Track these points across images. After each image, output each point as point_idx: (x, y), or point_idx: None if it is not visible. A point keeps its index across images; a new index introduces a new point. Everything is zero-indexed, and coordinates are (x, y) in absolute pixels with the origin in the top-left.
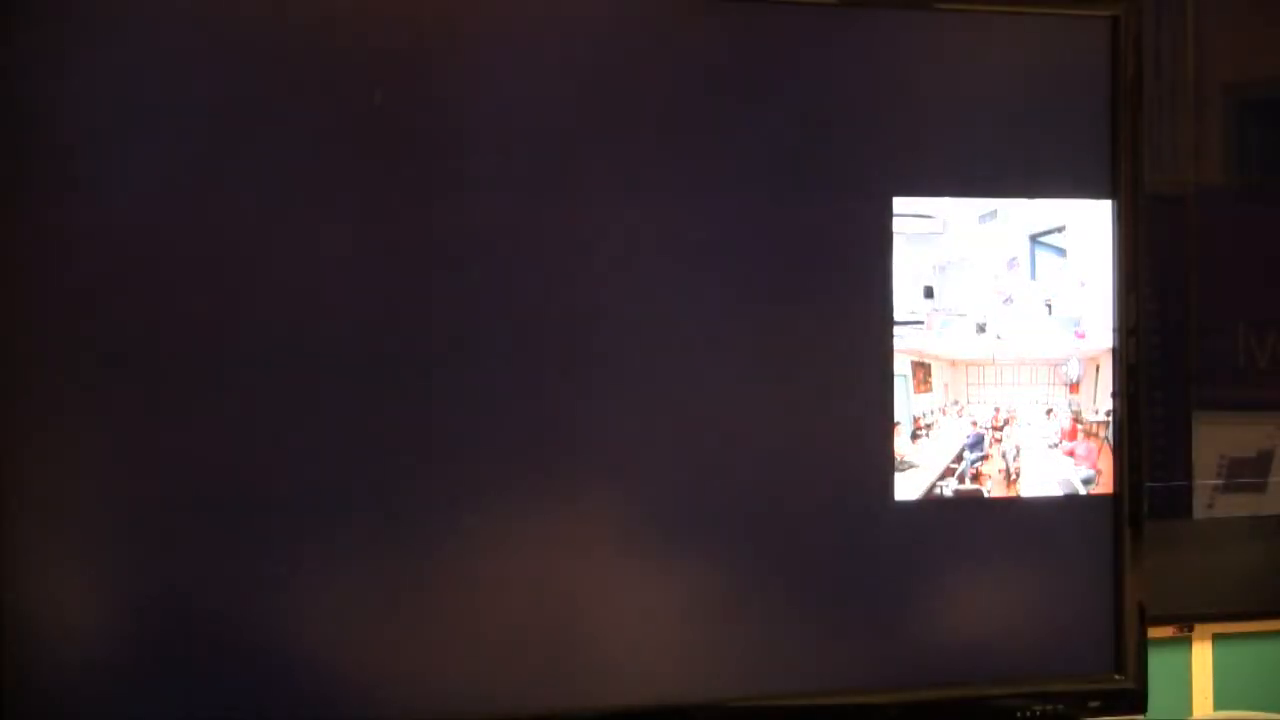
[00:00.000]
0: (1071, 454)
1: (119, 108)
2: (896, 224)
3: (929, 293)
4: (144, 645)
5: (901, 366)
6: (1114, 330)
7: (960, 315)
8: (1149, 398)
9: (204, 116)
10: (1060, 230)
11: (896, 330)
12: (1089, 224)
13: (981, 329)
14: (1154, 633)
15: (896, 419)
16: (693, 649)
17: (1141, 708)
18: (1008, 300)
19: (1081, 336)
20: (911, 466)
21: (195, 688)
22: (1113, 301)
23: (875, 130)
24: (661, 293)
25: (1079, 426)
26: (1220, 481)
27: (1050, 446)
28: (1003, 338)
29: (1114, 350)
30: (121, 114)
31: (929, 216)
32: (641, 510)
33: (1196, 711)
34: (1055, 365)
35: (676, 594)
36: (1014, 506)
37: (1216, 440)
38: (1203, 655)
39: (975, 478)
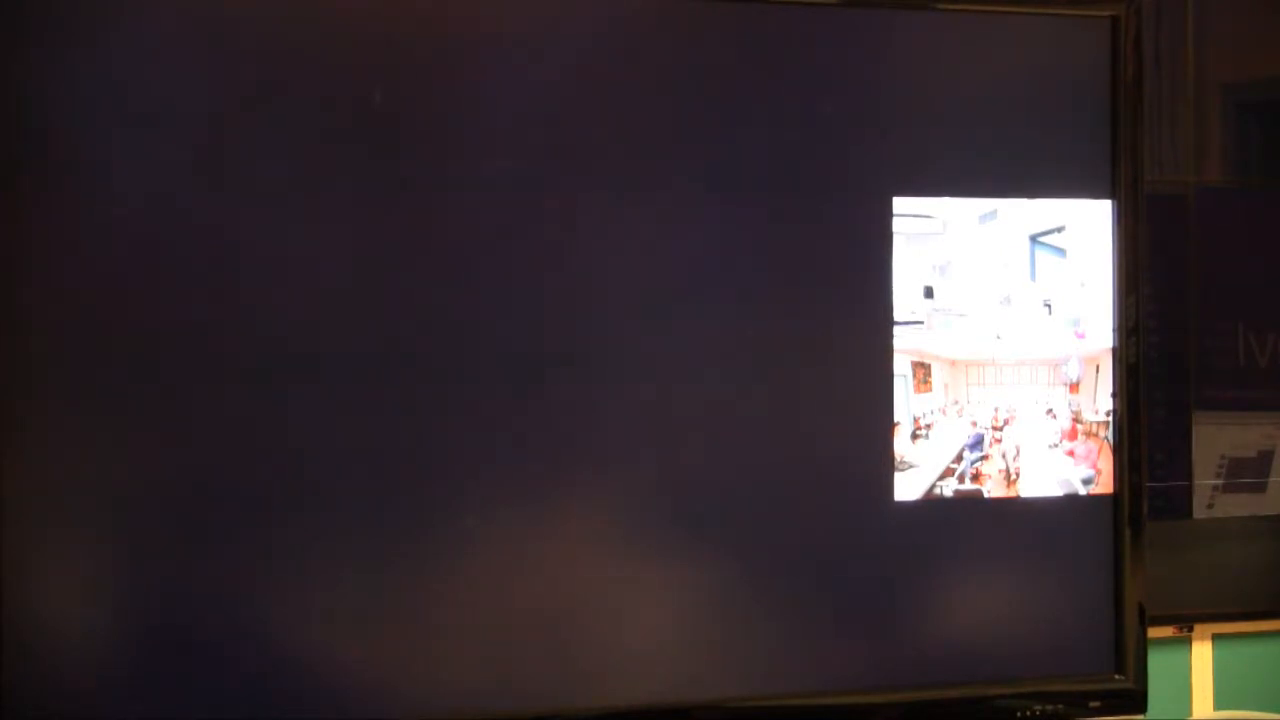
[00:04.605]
0: (1071, 454)
1: (117, 108)
2: (896, 224)
3: (929, 293)
4: (145, 646)
5: (901, 366)
6: (1114, 330)
7: (960, 315)
8: (1149, 398)
9: (203, 117)
10: (1060, 230)
11: (896, 330)
12: (1089, 224)
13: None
14: (1154, 633)
15: (896, 419)
16: (693, 649)
17: (1141, 708)
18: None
19: (1081, 336)
20: (911, 466)
21: (197, 688)
22: (1113, 301)
23: (875, 130)
24: (661, 293)
25: (1079, 426)
26: (1220, 481)
27: (1050, 446)
28: (1002, 338)
29: (1114, 350)
30: (120, 115)
31: (929, 216)
32: (642, 511)
33: (1196, 711)
34: (1055, 365)
35: (677, 594)
36: (1014, 506)
37: (1216, 440)
38: (1203, 655)
39: (975, 478)
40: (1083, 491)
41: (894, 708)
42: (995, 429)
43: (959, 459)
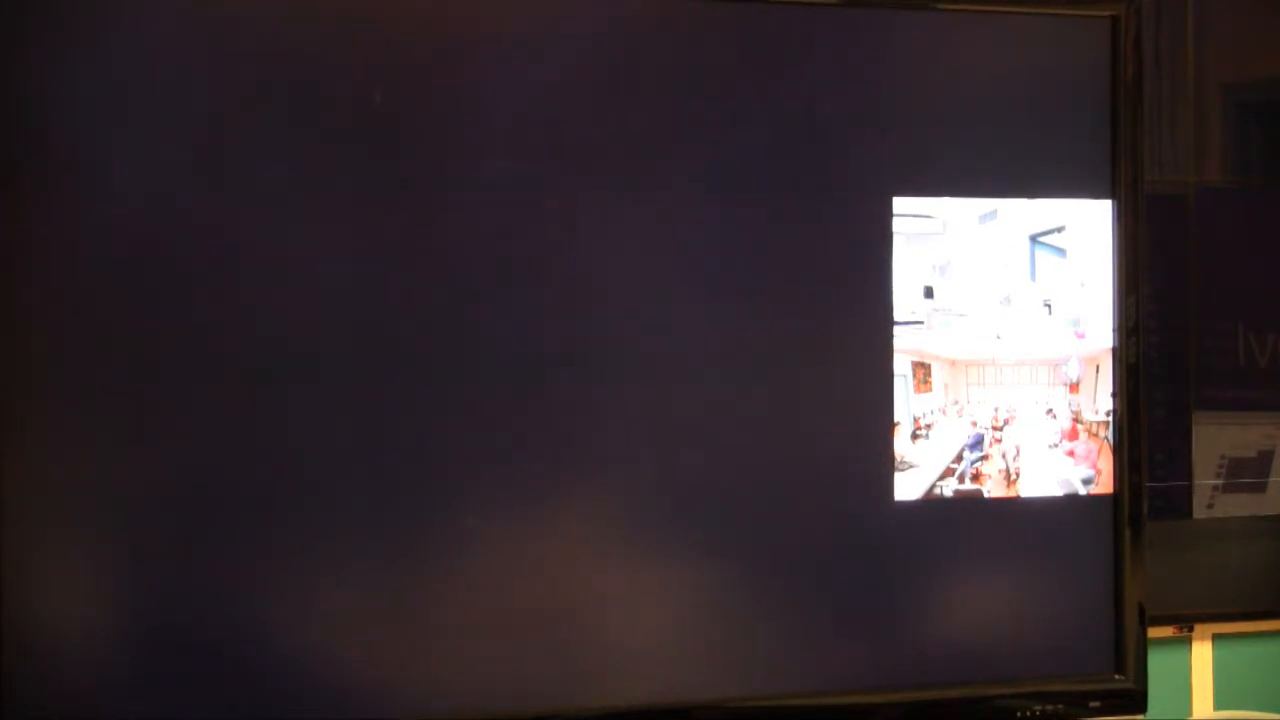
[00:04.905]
0: (1071, 454)
1: (117, 108)
2: (896, 224)
3: (929, 293)
4: (145, 646)
5: (901, 366)
6: (1114, 330)
7: (960, 315)
8: (1149, 398)
9: (203, 117)
10: (1060, 230)
11: (896, 330)
12: (1089, 224)
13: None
14: (1154, 633)
15: (896, 419)
16: (693, 649)
17: (1141, 708)
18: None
19: (1081, 336)
20: (911, 466)
21: (197, 688)
22: (1113, 301)
23: (875, 130)
24: (661, 293)
25: (1079, 426)
26: (1220, 481)
27: (1050, 446)
28: (1002, 338)
29: (1114, 350)
30: (119, 115)
31: (929, 216)
32: (642, 511)
33: (1196, 711)
34: (1055, 365)
35: (677, 594)
36: (1014, 506)
37: (1216, 440)
38: (1203, 655)
39: (975, 478)
40: (1083, 491)
41: (894, 708)
42: (995, 429)
43: (959, 459)
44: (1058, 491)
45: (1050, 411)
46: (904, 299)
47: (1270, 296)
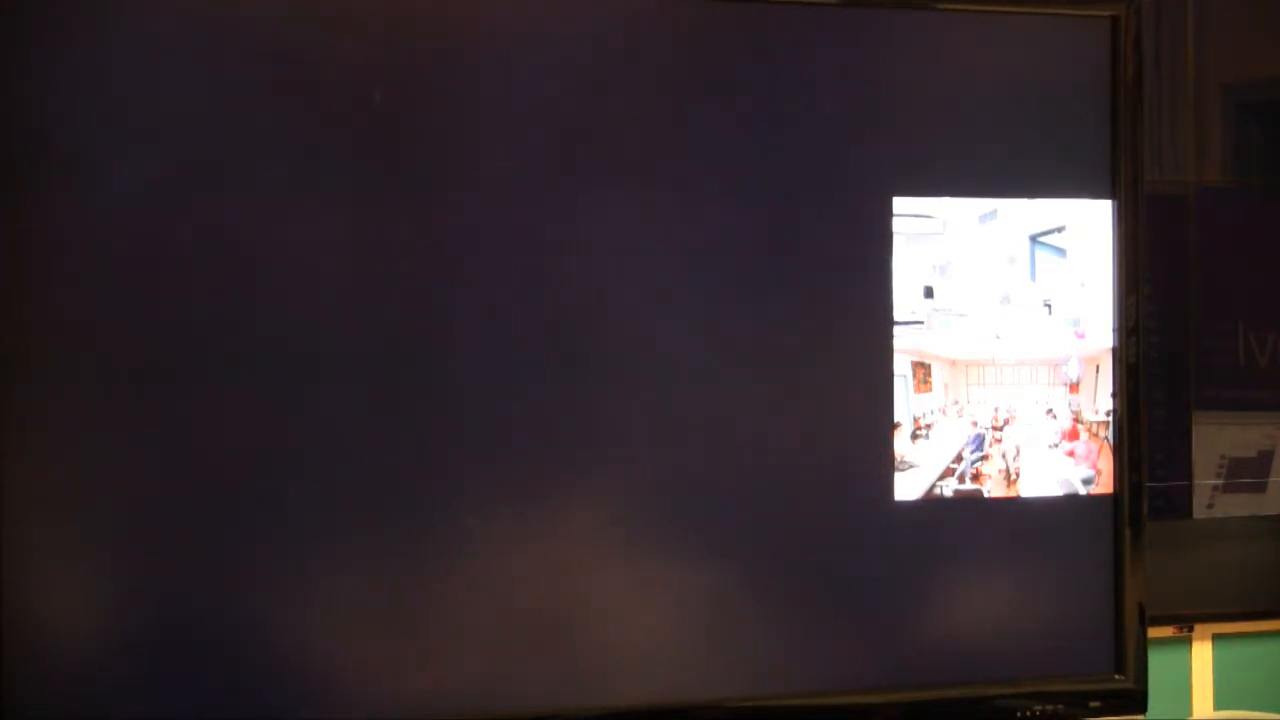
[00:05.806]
0: (1071, 454)
1: (118, 108)
2: (896, 224)
3: (929, 293)
4: (145, 646)
5: (901, 366)
6: (1114, 330)
7: (961, 315)
8: (1149, 398)
9: (203, 117)
10: (1060, 230)
11: (896, 330)
12: (1089, 224)
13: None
14: (1154, 633)
15: (896, 419)
16: (693, 649)
17: (1141, 708)
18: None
19: (1081, 336)
20: (911, 466)
21: (197, 688)
22: (1113, 301)
23: (875, 130)
24: (661, 293)
25: (1079, 426)
26: (1220, 481)
27: (1050, 446)
28: (1002, 338)
29: (1114, 350)
30: (120, 115)
31: (929, 216)
32: (642, 511)
33: (1196, 711)
34: (1055, 365)
35: (677, 594)
36: (1014, 506)
37: (1216, 440)
38: (1203, 655)
39: (975, 478)
40: (1083, 491)
41: (894, 708)
42: (995, 429)
43: (959, 459)
44: (1058, 491)
45: (1050, 411)
46: (904, 299)
47: (1270, 296)
